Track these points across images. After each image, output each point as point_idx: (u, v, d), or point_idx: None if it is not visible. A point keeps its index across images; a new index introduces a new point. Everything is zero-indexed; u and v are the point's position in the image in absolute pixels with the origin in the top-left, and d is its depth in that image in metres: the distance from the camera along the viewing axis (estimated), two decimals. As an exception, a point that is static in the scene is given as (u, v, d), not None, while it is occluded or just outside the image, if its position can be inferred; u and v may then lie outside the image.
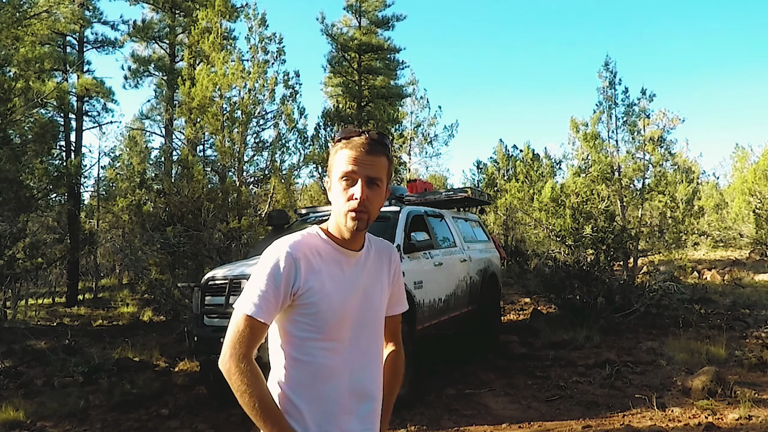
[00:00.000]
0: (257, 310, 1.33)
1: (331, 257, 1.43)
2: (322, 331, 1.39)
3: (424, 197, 7.24)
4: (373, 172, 1.38)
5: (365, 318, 1.46)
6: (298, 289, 1.37)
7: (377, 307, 1.51)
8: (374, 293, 1.50)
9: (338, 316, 1.40)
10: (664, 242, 12.49)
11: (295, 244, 1.40)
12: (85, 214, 16.56)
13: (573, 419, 4.50)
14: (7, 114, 8.59)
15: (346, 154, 1.38)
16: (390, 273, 1.57)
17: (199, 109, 9.57)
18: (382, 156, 1.40)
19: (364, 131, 1.42)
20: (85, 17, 14.91)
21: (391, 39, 19.74)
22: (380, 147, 1.40)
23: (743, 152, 22.23)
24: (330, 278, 1.41)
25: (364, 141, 1.39)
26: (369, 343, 1.48)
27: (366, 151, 1.37)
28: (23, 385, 5.92)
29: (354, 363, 1.43)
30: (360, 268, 1.47)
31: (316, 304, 1.38)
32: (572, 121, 13.11)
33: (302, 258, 1.38)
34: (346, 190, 1.38)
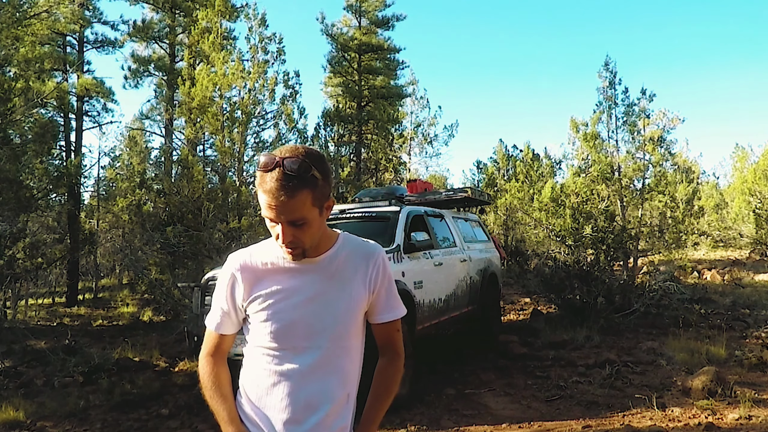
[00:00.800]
0: (218, 325, 1.49)
1: (282, 267, 1.42)
2: (271, 339, 1.40)
3: (424, 197, 7.24)
4: (291, 216, 1.29)
5: (322, 326, 1.41)
6: (244, 300, 1.43)
7: (339, 314, 1.43)
8: (336, 298, 1.43)
9: (286, 323, 1.39)
10: (664, 242, 12.49)
11: (241, 257, 1.46)
12: (85, 214, 16.55)
13: (573, 419, 4.50)
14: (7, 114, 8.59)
15: (262, 197, 1.30)
16: (367, 278, 1.48)
17: (199, 109, 9.57)
18: (299, 193, 1.27)
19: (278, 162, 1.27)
20: (85, 17, 14.91)
21: (391, 39, 19.76)
22: (296, 182, 1.27)
23: (743, 152, 22.22)
24: (277, 286, 1.41)
25: (275, 185, 1.26)
26: (326, 352, 1.42)
27: (278, 196, 1.26)
28: (23, 385, 5.92)
29: (307, 371, 1.40)
30: (318, 274, 1.43)
31: (263, 315, 1.40)
32: (572, 121, 13.11)
33: (247, 270, 1.43)
34: (274, 228, 1.34)
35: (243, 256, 1.46)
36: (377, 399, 1.57)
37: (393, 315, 1.55)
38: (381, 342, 1.58)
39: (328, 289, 1.43)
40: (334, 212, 6.56)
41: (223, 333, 1.49)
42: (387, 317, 1.54)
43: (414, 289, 5.33)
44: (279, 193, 1.27)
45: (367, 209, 6.37)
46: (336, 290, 1.44)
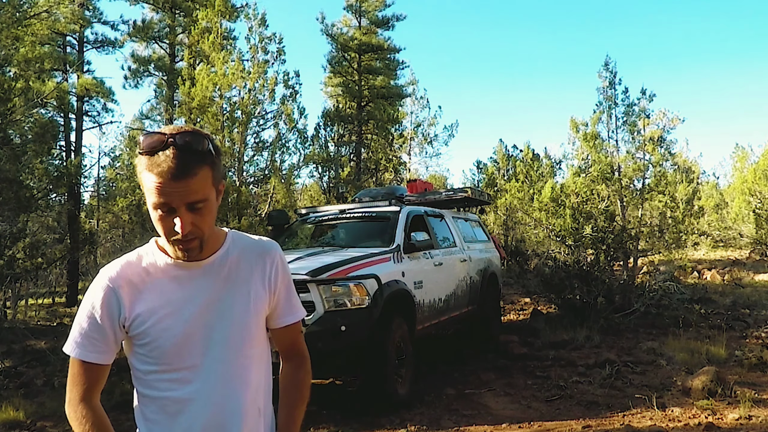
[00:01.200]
0: (81, 351, 1.20)
1: (164, 274, 1.24)
2: (162, 361, 1.22)
3: (424, 197, 7.25)
4: (191, 197, 1.13)
5: (221, 336, 1.24)
6: (125, 320, 1.21)
7: (239, 319, 1.26)
8: (234, 303, 1.26)
9: (178, 341, 1.21)
10: (664, 242, 12.48)
11: (114, 271, 1.24)
12: (85, 214, 16.57)
13: (573, 419, 4.50)
14: (7, 114, 8.59)
15: (151, 180, 1.11)
16: (266, 278, 1.32)
17: (199, 109, 9.57)
18: (200, 169, 1.13)
19: (168, 137, 1.12)
20: (85, 17, 14.91)
21: (391, 39, 19.75)
22: (194, 158, 1.12)
23: (743, 152, 22.24)
24: (163, 299, 1.22)
25: (171, 163, 1.09)
26: (230, 365, 1.25)
27: (175, 176, 1.10)
28: (23, 385, 5.92)
29: (211, 391, 1.23)
30: (209, 279, 1.25)
31: (148, 333, 1.21)
32: (572, 121, 13.10)
33: (124, 285, 1.22)
34: (165, 219, 1.15)
35: (118, 268, 1.24)
36: (291, 408, 1.38)
37: (295, 317, 1.39)
38: (284, 347, 1.42)
39: (222, 294, 1.26)
40: (334, 212, 6.56)
41: (97, 363, 1.21)
42: (289, 320, 1.38)
43: (414, 289, 5.33)
44: (177, 172, 1.10)
45: (367, 209, 6.38)
46: (232, 294, 1.27)
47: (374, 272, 4.78)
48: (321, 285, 4.51)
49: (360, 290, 4.58)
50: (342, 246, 5.83)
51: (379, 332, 4.62)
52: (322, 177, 15.96)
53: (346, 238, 6.20)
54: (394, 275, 5.05)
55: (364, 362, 4.62)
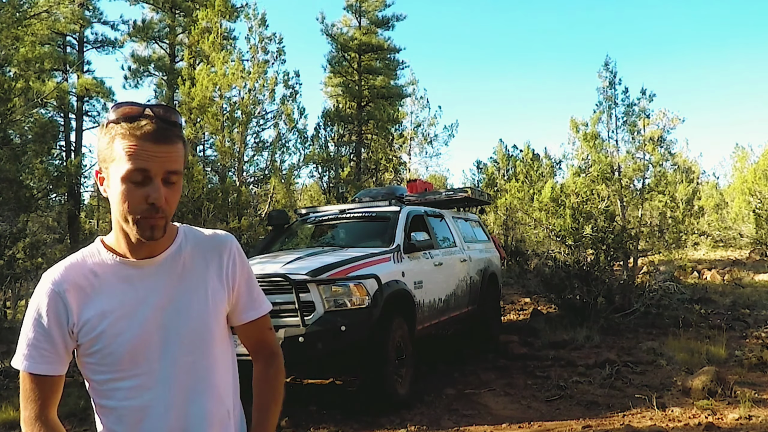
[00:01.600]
0: (31, 364, 1.14)
1: (113, 274, 1.16)
2: (117, 368, 1.14)
3: (424, 197, 7.25)
4: (171, 165, 1.08)
5: (179, 336, 1.16)
6: (73, 326, 1.13)
7: (198, 318, 1.18)
8: (191, 301, 1.18)
9: (132, 345, 1.13)
10: (664, 242, 12.48)
11: (59, 274, 1.15)
12: (85, 214, 16.57)
13: (573, 419, 4.50)
14: (7, 114, 8.59)
15: (131, 144, 1.05)
16: (223, 272, 1.24)
17: (199, 109, 9.58)
18: (178, 141, 1.10)
19: (146, 106, 1.10)
20: (85, 17, 14.93)
21: (391, 39, 19.80)
22: (174, 130, 1.10)
23: (743, 152, 22.23)
24: (113, 301, 1.14)
25: (152, 127, 1.06)
26: (191, 367, 1.17)
27: (158, 139, 1.06)
28: (23, 385, 5.92)
29: (173, 396, 1.16)
30: (162, 277, 1.18)
31: (99, 339, 1.12)
32: (572, 121, 13.11)
33: (70, 288, 1.13)
34: (134, 192, 1.07)
35: (62, 271, 1.16)
36: (264, 409, 1.29)
37: (259, 312, 1.30)
38: (251, 345, 1.33)
39: (177, 292, 1.18)
40: (334, 212, 6.56)
41: (49, 374, 1.14)
42: (252, 315, 1.29)
43: (414, 289, 5.33)
44: (160, 136, 1.06)
45: (367, 209, 6.38)
46: (188, 292, 1.19)
47: (374, 272, 4.78)
48: (321, 285, 4.51)
49: (360, 290, 4.58)
50: (342, 246, 5.83)
51: (379, 332, 4.62)
52: (322, 177, 15.97)
53: (346, 238, 6.20)
54: (394, 275, 5.05)
55: (364, 362, 4.62)
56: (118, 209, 1.10)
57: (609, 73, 12.60)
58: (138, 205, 1.08)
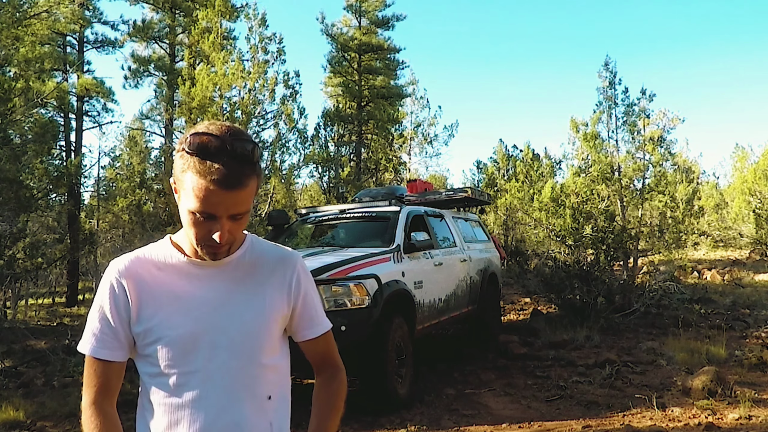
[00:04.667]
0: (94, 348, 1.16)
1: (176, 270, 1.18)
2: (165, 363, 1.15)
3: (424, 197, 7.25)
4: (237, 209, 1.09)
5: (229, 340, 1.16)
6: (132, 316, 1.16)
7: (251, 325, 1.18)
8: (246, 307, 1.19)
9: (184, 340, 1.14)
10: (664, 242, 12.48)
11: (124, 264, 1.18)
12: (85, 214, 16.55)
13: (573, 419, 4.50)
14: (7, 114, 8.59)
15: (199, 186, 1.05)
16: (285, 286, 1.24)
17: (199, 109, 9.58)
18: (250, 181, 1.08)
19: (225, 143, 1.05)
20: (85, 17, 14.92)
21: (391, 39, 19.78)
22: (246, 170, 1.07)
23: (743, 152, 22.21)
24: (171, 296, 1.16)
25: (224, 173, 1.04)
26: (236, 373, 1.17)
27: (227, 186, 1.04)
28: (23, 385, 5.92)
29: (215, 398, 1.15)
30: (223, 280, 1.19)
31: (153, 331, 1.15)
32: (572, 121, 13.10)
33: (132, 279, 1.16)
34: (201, 225, 1.09)
35: (127, 262, 1.19)
36: (324, 419, 1.30)
37: (317, 331, 1.30)
38: (314, 360, 1.34)
39: (234, 296, 1.19)
40: (334, 212, 6.57)
41: (109, 360, 1.16)
42: (311, 333, 1.29)
43: (414, 289, 5.33)
44: (230, 183, 1.05)
45: (367, 209, 6.38)
46: (244, 298, 1.20)
47: (374, 272, 4.78)
48: (321, 285, 4.51)
49: (360, 290, 4.58)
50: (342, 246, 5.83)
51: (379, 332, 4.62)
52: (322, 177, 15.97)
53: (346, 238, 6.20)
54: (394, 275, 5.05)
55: (364, 362, 4.62)
56: (186, 230, 1.14)
57: (609, 73, 12.60)
58: (202, 236, 1.11)
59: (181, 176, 1.09)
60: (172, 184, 1.16)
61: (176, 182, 1.13)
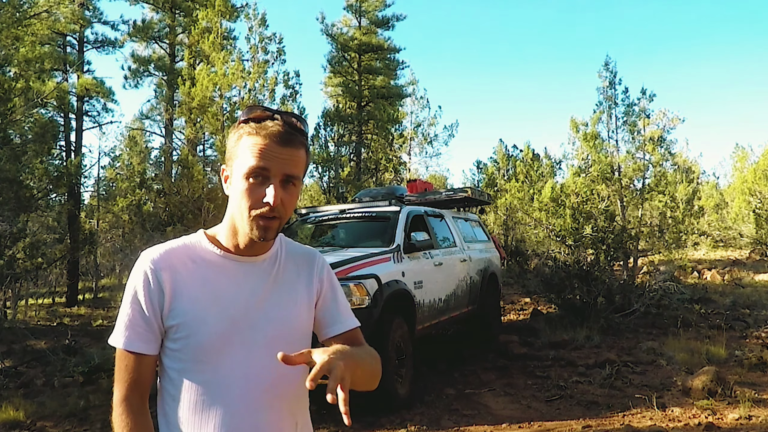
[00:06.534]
0: (127, 341, 1.12)
1: (211, 264, 1.17)
2: (197, 357, 1.13)
3: (424, 197, 7.25)
4: (291, 169, 1.11)
5: (264, 338, 1.16)
6: (164, 308, 1.13)
7: (285, 322, 1.19)
8: (280, 306, 1.20)
9: (217, 336, 1.13)
10: (664, 242, 12.49)
11: (158, 254, 1.16)
12: (85, 214, 16.56)
13: (573, 419, 4.50)
14: (7, 114, 8.59)
15: (256, 143, 1.09)
16: (312, 284, 1.27)
17: (199, 109, 9.58)
18: (301, 147, 1.13)
19: (276, 112, 1.12)
20: (85, 17, 14.91)
21: (391, 39, 19.78)
22: (299, 136, 1.13)
23: (743, 152, 22.20)
24: (206, 290, 1.15)
25: (279, 128, 1.10)
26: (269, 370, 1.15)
27: (282, 141, 1.09)
28: (23, 385, 5.92)
29: (245, 399, 1.14)
30: (257, 276, 1.19)
31: (186, 324, 1.12)
32: (572, 121, 13.11)
33: (167, 270, 1.14)
34: (254, 189, 1.10)
35: (162, 253, 1.16)
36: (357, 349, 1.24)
37: (345, 325, 1.28)
38: None
39: (269, 294, 1.19)
40: (334, 212, 6.57)
41: (142, 353, 1.13)
42: (338, 329, 1.28)
43: (414, 289, 5.33)
44: (285, 138, 1.10)
45: (367, 209, 6.38)
46: (279, 295, 1.20)
47: (374, 272, 4.78)
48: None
49: (360, 290, 4.58)
50: (342, 246, 5.83)
51: (379, 332, 4.62)
52: (322, 177, 15.97)
53: (346, 238, 6.20)
54: (394, 275, 5.05)
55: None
56: (237, 205, 1.13)
57: (609, 73, 12.61)
58: (256, 203, 1.10)
59: (235, 147, 1.13)
60: (222, 174, 1.19)
61: (228, 161, 1.16)
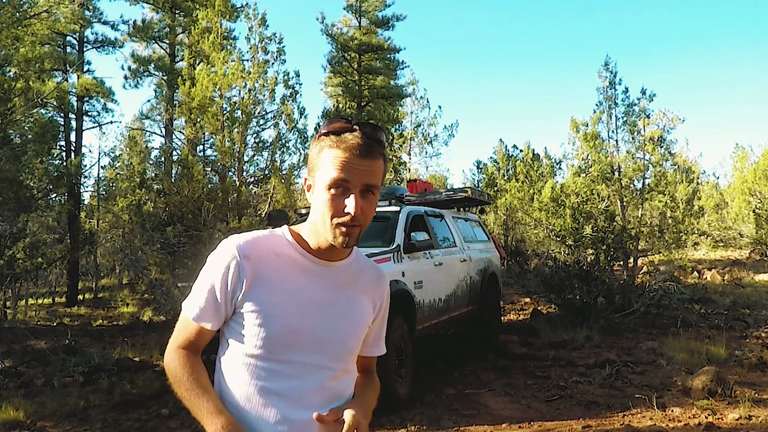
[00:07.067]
0: (194, 313, 1.21)
1: (293, 262, 1.22)
2: (267, 348, 1.18)
3: (424, 197, 7.24)
4: (370, 179, 1.16)
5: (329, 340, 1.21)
6: (240, 295, 1.18)
7: (350, 329, 1.25)
8: (347, 313, 1.26)
9: (289, 331, 1.17)
10: (664, 242, 12.48)
11: (245, 241, 1.21)
12: (85, 214, 16.55)
13: (573, 419, 4.50)
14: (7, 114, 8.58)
15: (337, 156, 1.14)
16: (377, 304, 1.34)
17: (199, 109, 9.57)
18: (379, 158, 1.18)
19: (356, 124, 1.17)
20: (85, 17, 14.91)
21: (391, 39, 19.78)
22: (377, 147, 1.17)
23: (743, 152, 22.18)
24: (285, 285, 1.20)
25: (358, 141, 1.14)
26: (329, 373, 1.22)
27: (362, 153, 1.14)
28: (23, 385, 5.92)
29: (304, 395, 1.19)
30: (333, 281, 1.25)
31: (262, 314, 1.17)
32: (572, 121, 13.10)
33: (252, 258, 1.19)
34: (336, 200, 1.15)
35: (249, 240, 1.21)
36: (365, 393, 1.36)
37: (379, 351, 1.40)
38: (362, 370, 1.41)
39: (339, 299, 1.25)
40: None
41: (204, 326, 1.21)
42: (374, 352, 1.38)
43: (414, 289, 5.33)
44: (365, 150, 1.14)
45: (367, 209, 6.36)
46: (347, 303, 1.26)
47: (374, 272, 4.77)
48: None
49: (360, 290, 4.57)
50: (342, 246, 5.82)
51: (379, 332, 4.61)
52: (322, 177, 15.93)
53: (346, 238, 6.19)
54: (394, 275, 5.05)
55: None
56: (320, 214, 1.18)
57: (609, 73, 12.60)
58: (338, 213, 1.15)
59: (317, 159, 1.18)
60: (304, 184, 1.25)
61: (311, 172, 1.21)
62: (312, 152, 1.20)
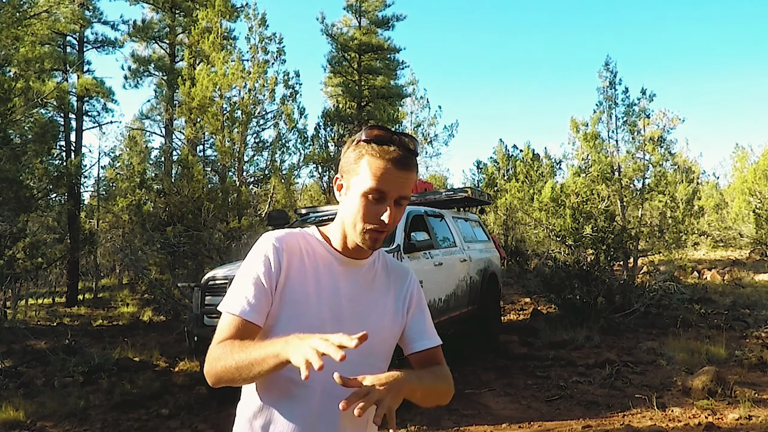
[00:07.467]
0: (246, 311, 1.17)
1: (322, 259, 1.26)
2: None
3: (424, 197, 7.25)
4: (405, 191, 1.20)
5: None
6: (278, 285, 1.20)
7: (374, 328, 1.22)
8: (372, 311, 1.28)
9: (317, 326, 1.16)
10: (664, 242, 12.48)
11: (283, 235, 1.25)
12: (85, 214, 16.54)
13: (573, 419, 4.50)
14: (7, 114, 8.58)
15: (377, 165, 1.17)
16: (403, 297, 1.36)
17: (199, 109, 9.58)
18: (414, 170, 1.22)
19: (396, 135, 1.20)
20: (85, 17, 14.90)
21: (391, 39, 19.73)
22: (414, 159, 1.22)
23: (743, 152, 22.18)
24: (313, 279, 1.23)
25: (398, 153, 1.18)
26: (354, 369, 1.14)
27: (401, 166, 1.18)
28: (23, 385, 5.92)
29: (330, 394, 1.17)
30: (357, 279, 1.29)
31: (290, 307, 1.20)
32: (572, 121, 13.10)
33: (289, 252, 1.22)
34: (371, 207, 1.18)
35: (286, 235, 1.25)
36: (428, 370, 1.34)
37: (428, 343, 1.36)
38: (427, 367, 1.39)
39: (365, 297, 1.28)
40: (334, 212, 6.56)
41: (251, 321, 1.17)
42: (419, 345, 1.35)
43: (414, 289, 5.32)
44: (404, 163, 1.19)
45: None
46: (372, 302, 1.29)
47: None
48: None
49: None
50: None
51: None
52: (322, 177, 15.96)
53: (346, 238, 6.19)
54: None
55: None
56: (351, 217, 1.21)
57: (609, 73, 12.61)
58: (371, 219, 1.19)
59: (355, 165, 1.20)
60: (335, 183, 1.27)
61: (345, 174, 1.23)
62: (348, 156, 1.22)
